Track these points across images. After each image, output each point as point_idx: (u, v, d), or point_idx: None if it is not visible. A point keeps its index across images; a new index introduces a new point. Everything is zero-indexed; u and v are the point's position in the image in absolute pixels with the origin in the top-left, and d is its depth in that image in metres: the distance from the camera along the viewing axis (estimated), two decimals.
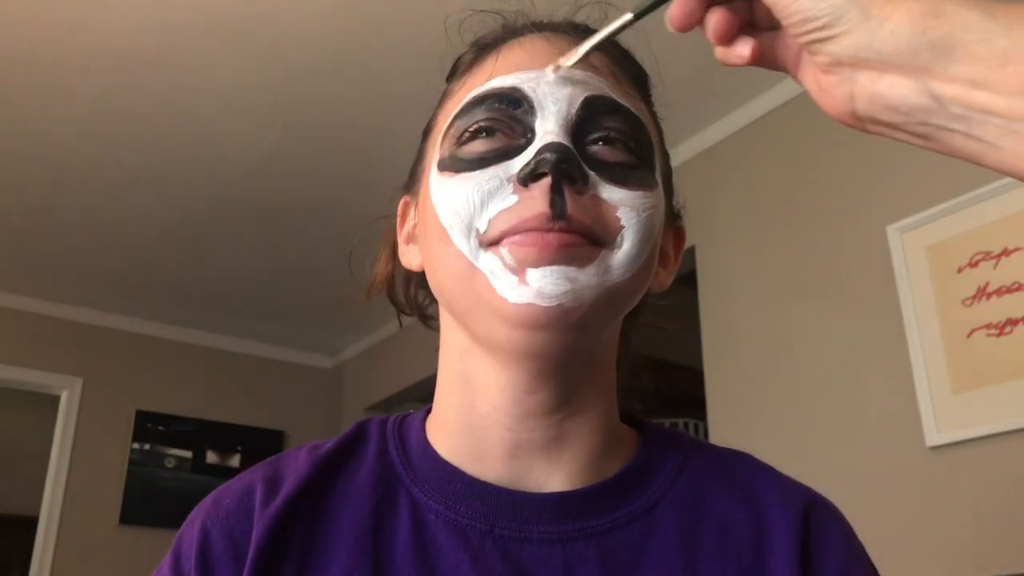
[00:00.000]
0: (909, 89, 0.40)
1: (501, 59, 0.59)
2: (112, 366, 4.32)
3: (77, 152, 2.98)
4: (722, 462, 0.61)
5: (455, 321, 0.58)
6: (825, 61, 0.43)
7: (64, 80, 2.60)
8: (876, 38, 0.40)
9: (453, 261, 0.54)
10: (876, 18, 0.40)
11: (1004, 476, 1.85)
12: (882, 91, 0.41)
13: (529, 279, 0.50)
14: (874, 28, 0.40)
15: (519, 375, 0.55)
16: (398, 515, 0.56)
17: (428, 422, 0.61)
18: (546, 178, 0.51)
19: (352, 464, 0.59)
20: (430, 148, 0.60)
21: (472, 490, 0.56)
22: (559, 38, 0.60)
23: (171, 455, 4.37)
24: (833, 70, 0.43)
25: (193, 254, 3.74)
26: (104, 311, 4.33)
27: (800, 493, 0.59)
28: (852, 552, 0.58)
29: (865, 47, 0.41)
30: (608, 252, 0.52)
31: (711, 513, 0.57)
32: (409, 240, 0.64)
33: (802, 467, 0.82)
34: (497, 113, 0.55)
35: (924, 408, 1.99)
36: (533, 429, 0.56)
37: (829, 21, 0.41)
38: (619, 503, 0.56)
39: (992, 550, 1.84)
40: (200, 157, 3.01)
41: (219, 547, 0.54)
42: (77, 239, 3.60)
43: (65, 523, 4.01)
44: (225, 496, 0.57)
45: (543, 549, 0.54)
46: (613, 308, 0.55)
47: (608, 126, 0.55)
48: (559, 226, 0.50)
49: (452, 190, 0.54)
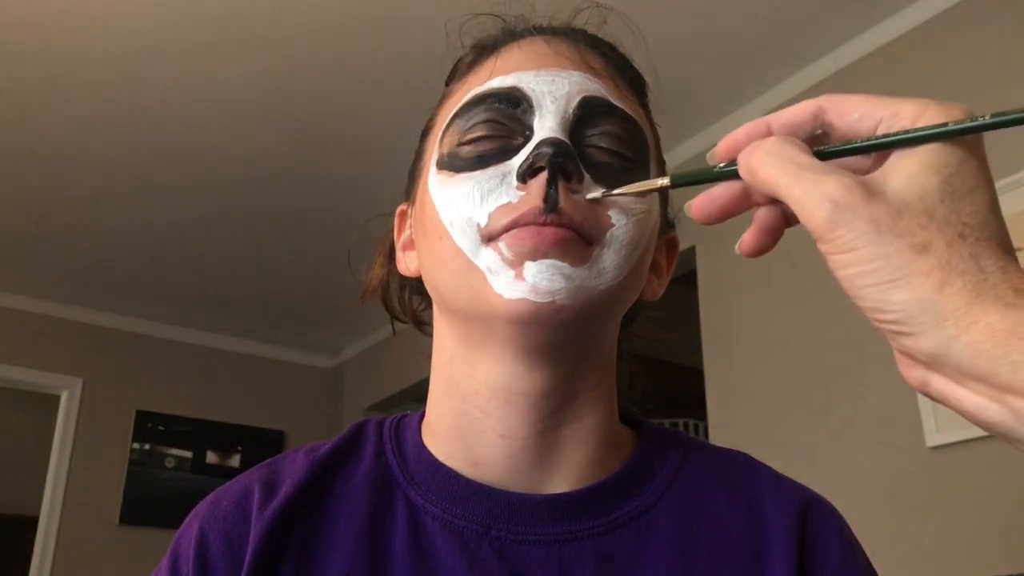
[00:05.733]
0: (986, 403, 0.36)
1: (501, 60, 0.59)
2: (112, 366, 4.33)
3: (77, 152, 2.98)
4: (720, 462, 0.61)
5: (449, 323, 0.58)
6: (898, 348, 0.38)
7: (64, 80, 2.60)
8: (953, 349, 0.35)
9: (451, 258, 0.54)
10: (953, 327, 0.35)
11: (1004, 476, 1.85)
12: (959, 398, 0.37)
13: (525, 274, 0.51)
14: (951, 337, 0.35)
15: (512, 374, 0.55)
16: (395, 517, 0.56)
17: (423, 425, 0.61)
18: (543, 172, 0.52)
19: (349, 466, 0.59)
20: (429, 147, 0.61)
21: (468, 492, 0.56)
22: (559, 41, 0.60)
23: (171, 455, 4.38)
24: (908, 356, 0.38)
25: (193, 254, 3.74)
26: (104, 311, 4.33)
27: (798, 493, 0.59)
28: (850, 552, 0.57)
29: (941, 354, 0.36)
30: (600, 252, 0.53)
31: (709, 513, 0.57)
32: (407, 247, 0.64)
33: (802, 467, 0.82)
34: (496, 113, 0.55)
35: (924, 408, 2.00)
36: (526, 436, 0.56)
37: (900, 319, 0.36)
38: (616, 504, 0.56)
39: (992, 550, 1.84)
40: (200, 157, 3.01)
41: (217, 549, 0.55)
42: (77, 239, 3.60)
43: (65, 523, 4.02)
44: (223, 498, 0.57)
45: (540, 550, 0.54)
46: (604, 309, 0.55)
47: (604, 128, 0.55)
48: (552, 219, 0.51)
49: (452, 189, 0.54)
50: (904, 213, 0.36)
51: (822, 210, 0.37)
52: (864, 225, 0.36)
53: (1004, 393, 0.34)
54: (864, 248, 0.36)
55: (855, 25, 2.33)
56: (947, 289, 0.35)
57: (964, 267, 0.35)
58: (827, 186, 0.37)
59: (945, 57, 2.15)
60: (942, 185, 0.37)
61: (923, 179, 0.37)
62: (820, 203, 0.37)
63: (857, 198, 0.37)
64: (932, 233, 0.36)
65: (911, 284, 0.36)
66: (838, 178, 0.37)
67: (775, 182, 0.39)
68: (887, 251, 0.36)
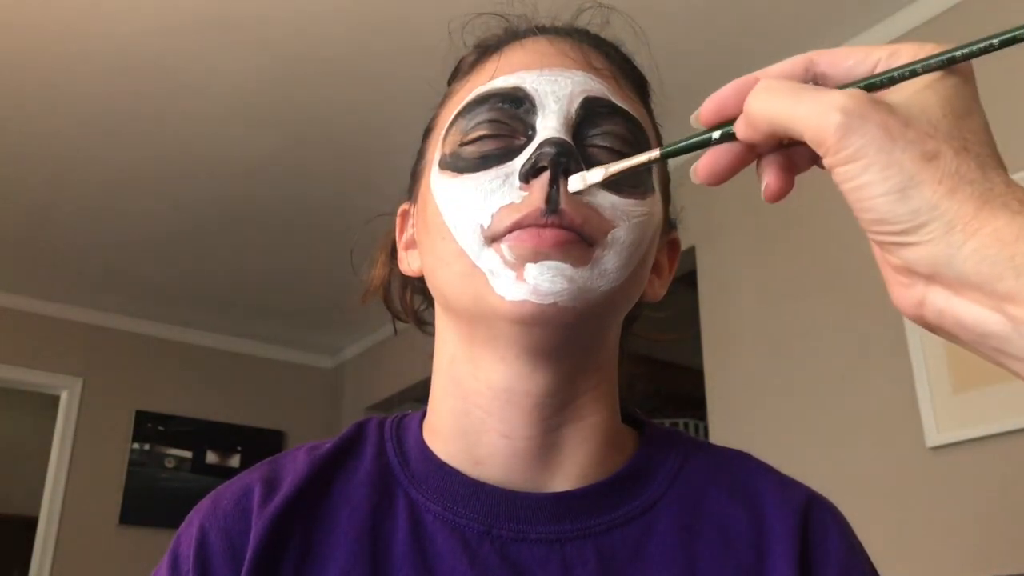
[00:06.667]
0: (986, 314, 0.36)
1: (503, 60, 0.59)
2: (112, 366, 4.33)
3: (77, 152, 2.98)
4: (721, 462, 0.61)
5: (451, 323, 0.58)
6: (898, 264, 0.38)
7: (64, 80, 2.60)
8: (957, 255, 0.35)
9: (454, 260, 0.54)
10: (960, 233, 0.35)
11: (1004, 476, 1.85)
12: (956, 310, 0.37)
13: (527, 275, 0.51)
14: (957, 244, 0.35)
15: (515, 374, 0.55)
16: (396, 516, 0.56)
17: (425, 424, 0.61)
18: (545, 172, 0.52)
19: (350, 465, 0.59)
20: (431, 147, 0.61)
21: (470, 491, 0.56)
22: (562, 41, 0.60)
23: (171, 455, 4.38)
24: (905, 274, 0.38)
25: (193, 254, 3.74)
26: (104, 311, 4.33)
27: (799, 493, 0.59)
28: (851, 551, 0.58)
29: (944, 263, 0.36)
30: (602, 253, 0.53)
31: (710, 513, 0.57)
32: (409, 246, 0.64)
33: (802, 467, 0.82)
34: (499, 113, 0.55)
35: (924, 408, 2.00)
36: (529, 436, 0.56)
37: (908, 228, 0.36)
38: (618, 503, 0.56)
39: (992, 550, 1.84)
40: (200, 157, 3.01)
41: (217, 548, 0.54)
42: (77, 239, 3.60)
43: (65, 523, 4.02)
44: (223, 497, 0.57)
45: (541, 549, 0.54)
46: (606, 310, 0.55)
47: (607, 128, 0.55)
48: (553, 221, 0.51)
49: (455, 189, 0.54)
50: (911, 123, 0.37)
51: (831, 119, 0.37)
52: (875, 130, 0.36)
53: (1004, 302, 0.35)
54: (876, 156, 0.36)
55: (855, 25, 2.33)
56: (957, 195, 0.35)
57: (972, 176, 0.36)
58: (834, 97, 0.37)
59: None
60: (942, 103, 0.37)
61: (924, 96, 0.38)
62: (829, 112, 0.37)
63: (866, 106, 0.37)
64: (939, 143, 0.36)
65: (923, 191, 0.36)
66: (843, 91, 0.38)
67: (777, 110, 0.39)
68: (900, 158, 0.36)
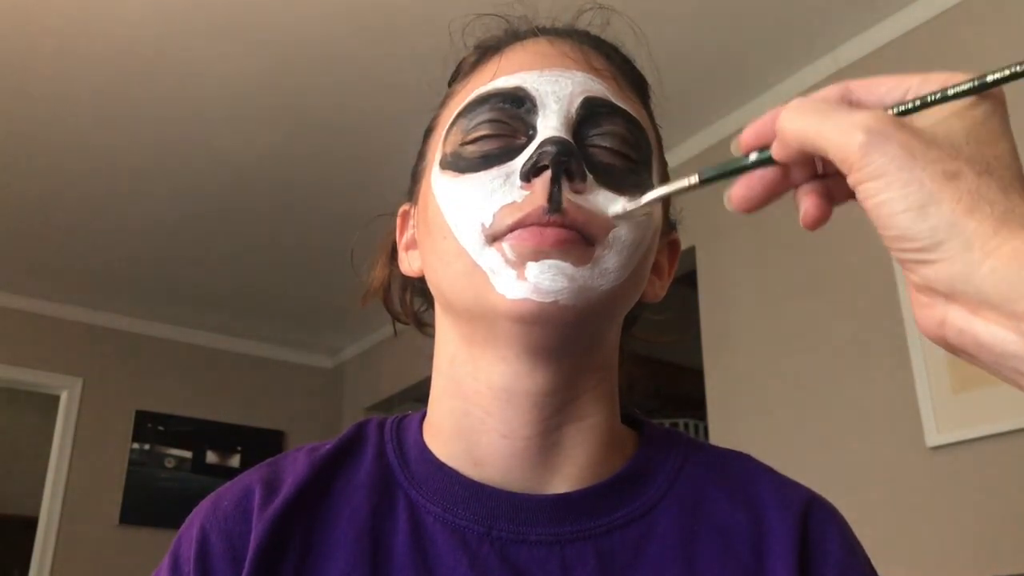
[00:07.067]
0: (1004, 334, 0.36)
1: (504, 60, 0.59)
2: (112, 366, 4.33)
3: (77, 152, 2.98)
4: (721, 462, 0.61)
5: (451, 323, 0.58)
6: (919, 283, 0.38)
7: (64, 80, 2.60)
8: (975, 274, 0.36)
9: (455, 259, 0.54)
10: (979, 251, 0.35)
11: (1004, 476, 1.85)
12: (975, 330, 0.37)
13: (528, 274, 0.51)
14: (975, 262, 0.35)
15: (515, 374, 0.55)
16: (396, 517, 0.56)
17: (424, 425, 0.61)
18: (547, 172, 0.52)
19: (350, 466, 0.59)
20: (432, 147, 0.61)
21: (470, 492, 0.56)
22: (562, 42, 0.60)
23: (171, 455, 4.38)
24: (926, 294, 0.39)
25: (193, 254, 3.74)
26: (104, 311, 4.33)
27: (799, 493, 0.59)
28: (851, 552, 0.58)
29: (962, 281, 0.36)
30: (602, 253, 0.53)
31: (710, 514, 0.57)
32: (409, 247, 0.64)
33: (802, 467, 0.82)
34: (500, 113, 0.55)
35: (924, 408, 2.00)
36: (528, 436, 0.56)
37: (927, 245, 0.36)
38: (617, 505, 0.56)
39: (992, 550, 1.84)
40: (200, 157, 3.01)
41: (218, 549, 0.55)
42: (77, 239, 3.60)
43: (65, 523, 4.02)
44: (223, 498, 0.57)
45: (541, 551, 0.54)
46: (606, 309, 0.55)
47: (607, 128, 0.55)
48: (555, 220, 0.51)
49: (456, 189, 0.54)
50: (934, 144, 0.38)
51: (855, 137, 0.38)
52: (897, 149, 0.37)
53: (1022, 322, 0.35)
54: (897, 173, 0.37)
55: (855, 24, 2.33)
56: (976, 214, 0.36)
57: (993, 197, 0.36)
58: (859, 116, 0.39)
59: (945, 56, 2.15)
60: (967, 130, 0.38)
61: (949, 122, 0.39)
62: (853, 132, 0.38)
63: (889, 125, 0.38)
64: (961, 163, 0.37)
65: (941, 209, 0.36)
66: (869, 111, 0.39)
67: (805, 127, 0.40)
68: (920, 176, 0.37)
